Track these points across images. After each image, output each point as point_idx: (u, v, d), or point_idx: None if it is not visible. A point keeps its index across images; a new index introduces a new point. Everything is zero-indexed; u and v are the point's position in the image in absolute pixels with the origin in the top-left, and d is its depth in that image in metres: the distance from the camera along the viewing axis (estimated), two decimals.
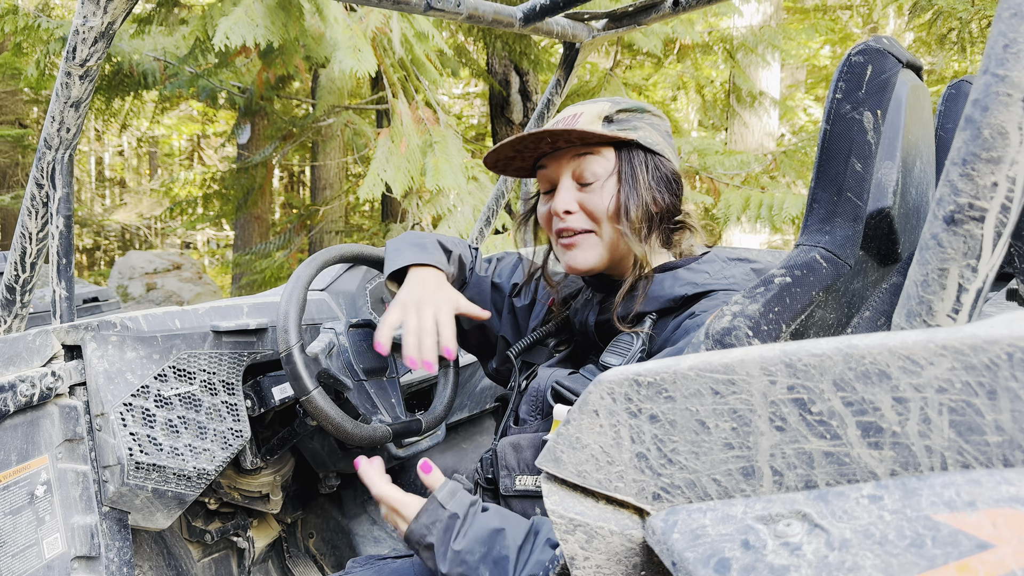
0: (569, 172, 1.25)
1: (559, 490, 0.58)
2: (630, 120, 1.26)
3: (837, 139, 0.79)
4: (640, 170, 1.22)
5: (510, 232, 5.55)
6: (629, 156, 1.23)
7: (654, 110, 1.30)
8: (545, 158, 1.30)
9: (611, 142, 1.23)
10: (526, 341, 1.42)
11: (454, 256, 1.55)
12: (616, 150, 1.24)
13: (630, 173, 1.22)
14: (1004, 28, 0.50)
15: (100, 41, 1.33)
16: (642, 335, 1.19)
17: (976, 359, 0.43)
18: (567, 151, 1.26)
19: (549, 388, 1.24)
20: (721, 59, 7.12)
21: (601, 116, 1.24)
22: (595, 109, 1.26)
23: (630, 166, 1.22)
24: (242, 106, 6.72)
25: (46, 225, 1.51)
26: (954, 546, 0.40)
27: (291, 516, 2.16)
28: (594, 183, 1.23)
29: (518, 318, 1.54)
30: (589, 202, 1.24)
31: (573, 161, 1.25)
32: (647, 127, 1.26)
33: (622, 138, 1.21)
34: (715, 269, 1.21)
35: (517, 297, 1.55)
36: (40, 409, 1.34)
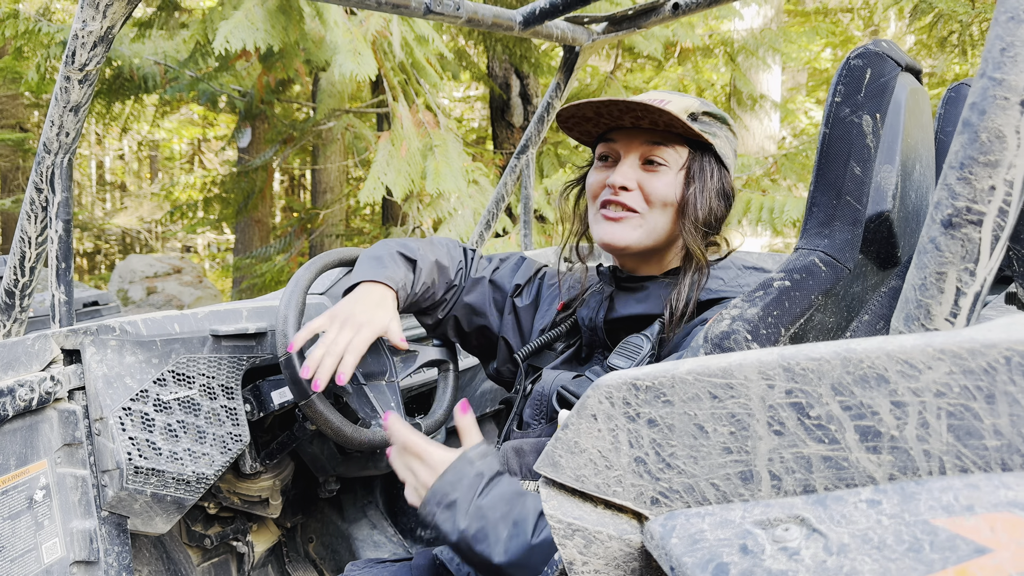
0: (637, 152, 1.24)
1: (557, 495, 0.57)
2: (711, 125, 1.25)
3: (836, 143, 0.79)
4: (709, 175, 1.22)
5: (511, 235, 5.55)
6: (702, 159, 1.22)
7: (733, 125, 1.30)
8: (615, 131, 1.27)
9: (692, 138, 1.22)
10: (533, 345, 1.41)
11: (423, 265, 1.50)
12: (691, 149, 1.23)
13: (700, 174, 1.21)
14: (1001, 32, 0.50)
15: (99, 45, 1.34)
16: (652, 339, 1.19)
17: (974, 363, 0.43)
18: (642, 133, 1.24)
19: (554, 392, 1.23)
20: (722, 62, 7.12)
21: (688, 111, 1.22)
22: (683, 103, 1.23)
23: (700, 168, 1.21)
24: (243, 110, 6.72)
25: (45, 229, 1.51)
26: (952, 551, 0.39)
27: (291, 520, 2.15)
28: (661, 168, 1.22)
29: (520, 318, 1.52)
30: (649, 184, 1.22)
31: (645, 145, 1.23)
32: (724, 138, 1.26)
33: (704, 138, 1.20)
34: (730, 276, 1.22)
35: (519, 297, 1.53)
36: (39, 414, 1.34)
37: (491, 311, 1.56)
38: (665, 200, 1.21)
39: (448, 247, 1.61)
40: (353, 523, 2.22)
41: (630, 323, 1.27)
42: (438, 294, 1.56)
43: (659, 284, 1.27)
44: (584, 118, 1.28)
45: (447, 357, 1.73)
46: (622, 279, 1.31)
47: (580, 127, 1.32)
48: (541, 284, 1.53)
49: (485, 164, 6.38)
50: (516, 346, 1.52)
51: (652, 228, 1.23)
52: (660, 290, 1.26)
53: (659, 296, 1.25)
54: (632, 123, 1.24)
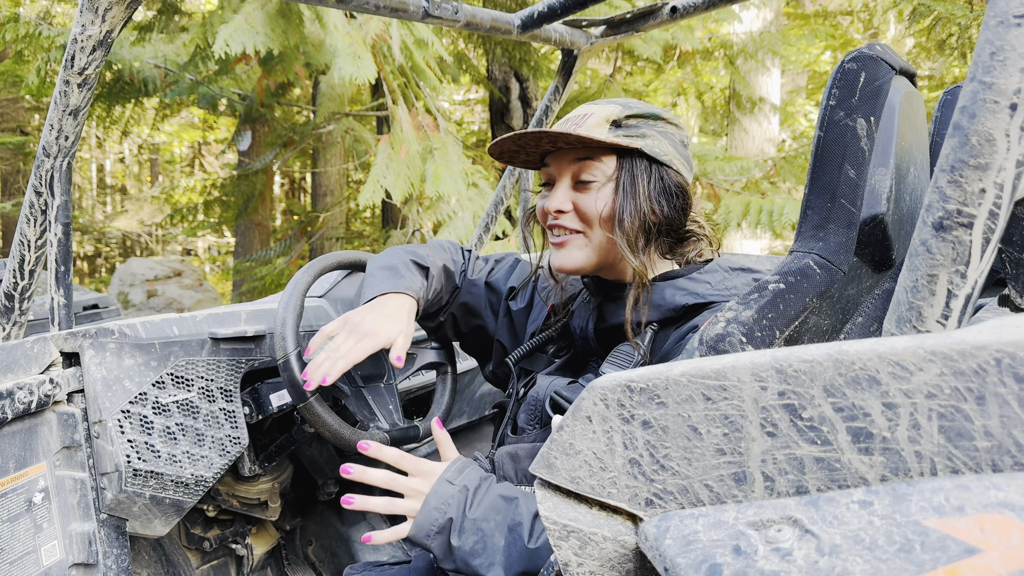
0: (568, 173, 1.24)
1: (552, 496, 0.58)
2: (639, 127, 1.22)
3: (831, 146, 0.79)
4: (640, 180, 1.19)
5: (510, 237, 5.56)
6: (631, 165, 1.20)
7: (670, 117, 1.26)
8: (549, 156, 1.27)
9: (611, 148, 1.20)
10: (524, 348, 1.41)
11: (434, 272, 1.51)
12: (618, 157, 1.21)
13: (629, 182, 1.19)
14: (991, 36, 0.50)
15: (98, 49, 1.34)
16: (643, 346, 1.18)
17: (965, 365, 0.43)
18: (569, 152, 1.23)
19: (548, 398, 1.22)
20: (721, 65, 7.14)
21: (609, 120, 1.21)
22: (604, 112, 1.22)
23: (630, 175, 1.19)
24: (243, 113, 6.73)
25: (44, 233, 1.51)
26: (943, 551, 0.40)
27: (290, 523, 2.16)
28: (591, 185, 1.21)
29: (514, 321, 1.52)
30: (582, 203, 1.21)
31: (574, 163, 1.23)
32: (657, 135, 1.22)
33: (622, 145, 1.18)
34: (717, 279, 1.19)
35: (513, 300, 1.53)
36: (38, 416, 1.34)
37: (487, 313, 1.57)
38: (600, 215, 1.20)
39: (450, 251, 1.61)
40: (352, 526, 2.22)
41: (619, 331, 1.25)
42: (444, 299, 1.56)
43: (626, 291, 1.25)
44: (512, 152, 1.29)
45: (445, 360, 1.74)
46: (606, 287, 1.30)
47: (517, 158, 1.32)
48: (535, 285, 1.52)
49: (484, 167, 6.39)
50: (510, 348, 1.52)
51: (598, 245, 1.22)
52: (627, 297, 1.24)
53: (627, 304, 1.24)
54: (552, 147, 1.25)
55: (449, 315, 1.60)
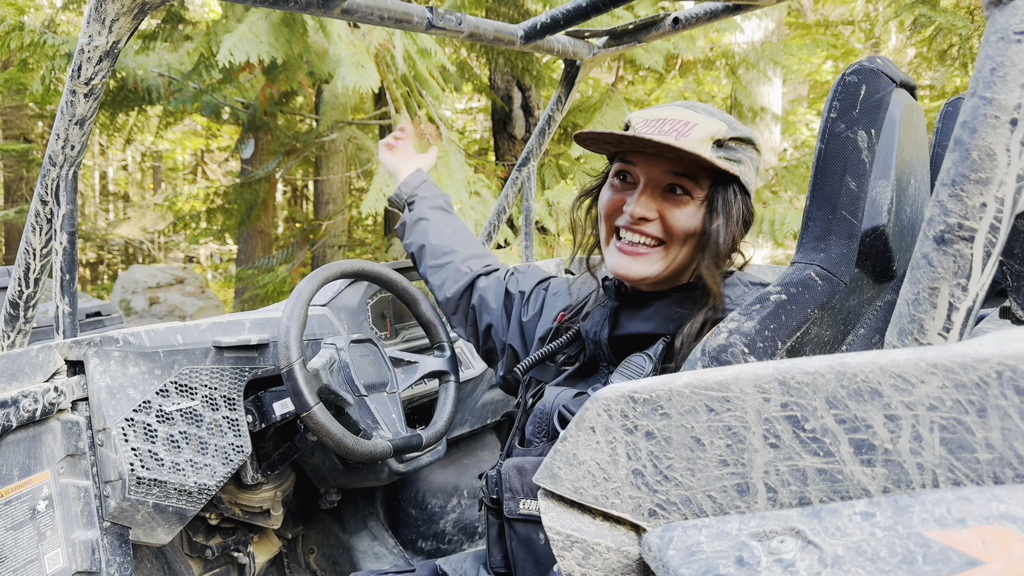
0: (659, 181, 1.18)
1: (556, 507, 0.58)
2: (738, 151, 1.17)
3: (832, 158, 0.79)
4: (733, 206, 1.16)
5: (512, 246, 5.56)
6: (726, 189, 1.16)
7: (759, 144, 1.22)
8: (637, 154, 1.20)
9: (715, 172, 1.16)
10: (534, 358, 1.38)
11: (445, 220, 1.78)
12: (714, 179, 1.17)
13: (723, 207, 1.15)
14: (991, 52, 0.51)
15: (105, 60, 1.35)
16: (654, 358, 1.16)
17: (966, 377, 0.44)
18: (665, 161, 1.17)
19: (556, 412, 1.21)
20: (723, 74, 7.15)
21: (714, 137, 1.14)
22: (710, 128, 1.15)
23: (725, 200, 1.15)
24: (246, 121, 6.75)
25: (50, 241, 1.52)
26: (945, 563, 0.40)
27: (292, 531, 2.15)
28: (684, 199, 1.17)
29: (524, 330, 1.53)
30: (672, 216, 1.17)
31: (668, 174, 1.17)
32: (748, 161, 1.19)
33: (729, 171, 1.15)
34: (737, 294, 1.19)
35: (525, 307, 1.53)
36: (42, 424, 1.34)
37: (500, 316, 1.57)
38: (688, 232, 1.17)
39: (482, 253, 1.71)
40: (354, 534, 2.22)
41: (633, 341, 1.24)
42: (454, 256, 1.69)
43: (664, 302, 1.23)
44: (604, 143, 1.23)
45: (448, 368, 1.74)
46: (626, 295, 1.28)
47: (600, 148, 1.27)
48: (545, 294, 1.52)
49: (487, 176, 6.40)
50: (522, 355, 1.52)
51: (672, 260, 1.19)
52: (665, 308, 1.22)
53: (664, 315, 1.22)
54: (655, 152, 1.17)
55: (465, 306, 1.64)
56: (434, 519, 2.30)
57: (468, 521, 2.30)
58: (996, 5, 0.51)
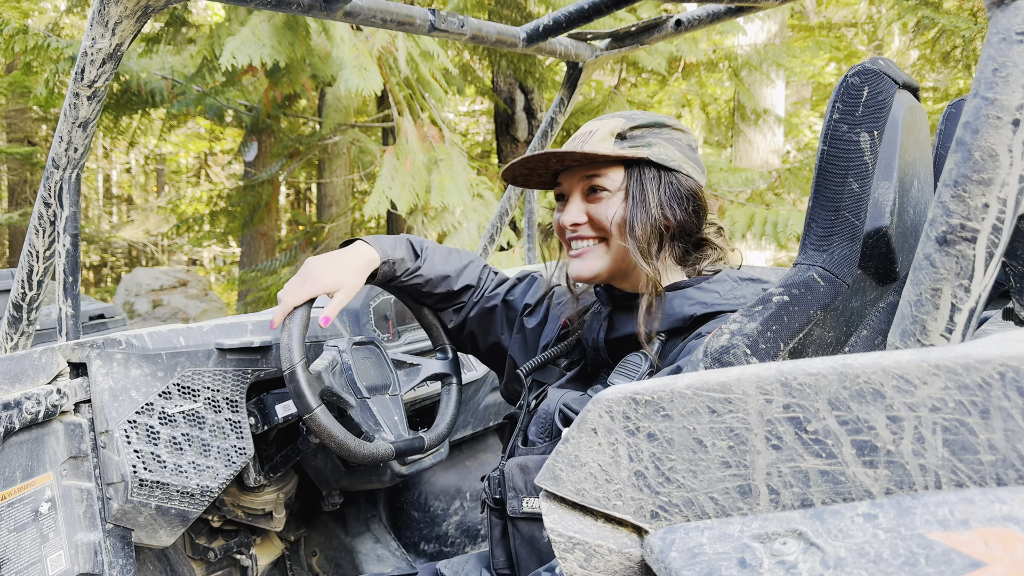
0: (579, 187, 1.28)
1: (558, 508, 0.58)
2: (644, 136, 1.25)
3: (834, 159, 0.79)
4: (650, 187, 1.21)
5: (515, 248, 5.57)
6: (639, 174, 1.23)
7: (675, 124, 1.29)
8: (561, 174, 1.32)
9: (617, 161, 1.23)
10: (537, 360, 1.41)
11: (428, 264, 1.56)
12: (625, 168, 1.24)
13: (638, 190, 1.21)
14: (993, 52, 0.51)
15: (108, 62, 1.35)
16: (650, 356, 1.18)
17: (969, 378, 0.44)
18: (578, 168, 1.27)
19: (558, 411, 1.23)
20: (726, 77, 7.15)
21: (614, 133, 1.24)
22: (609, 126, 1.25)
23: (639, 184, 1.22)
24: (249, 124, 6.77)
25: (53, 244, 1.52)
26: (947, 564, 0.40)
27: (294, 534, 2.15)
28: (602, 195, 1.24)
29: (527, 337, 1.53)
30: (596, 213, 1.25)
31: (584, 178, 1.26)
32: (663, 143, 1.25)
33: (628, 156, 1.21)
34: (725, 289, 1.20)
35: (528, 317, 1.54)
36: (45, 426, 1.34)
37: (503, 328, 1.58)
38: (614, 223, 1.23)
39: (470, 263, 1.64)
40: (356, 537, 2.22)
41: (629, 341, 1.27)
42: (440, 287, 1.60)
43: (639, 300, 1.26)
44: (525, 175, 1.34)
45: (450, 371, 1.74)
46: (617, 297, 1.31)
47: (531, 181, 1.37)
48: (549, 303, 1.54)
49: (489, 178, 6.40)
50: (520, 363, 1.52)
51: (615, 253, 1.25)
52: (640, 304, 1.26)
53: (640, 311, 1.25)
54: (561, 166, 1.29)
55: (468, 333, 1.63)
56: (436, 521, 2.30)
57: (470, 524, 2.30)
58: (998, 6, 0.51)
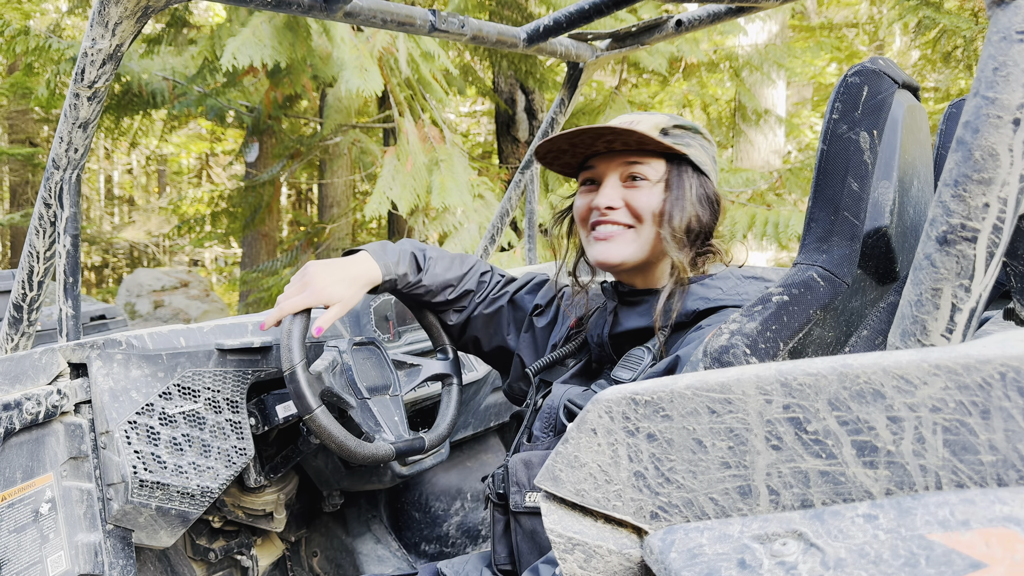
0: (617, 173, 1.29)
1: (558, 509, 0.58)
2: (684, 137, 1.29)
3: (834, 159, 0.79)
4: (687, 184, 1.25)
5: (516, 248, 5.56)
6: (679, 170, 1.26)
7: (706, 133, 1.33)
8: (594, 158, 1.32)
9: (666, 152, 1.26)
10: (545, 360, 1.43)
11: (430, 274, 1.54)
12: (667, 162, 1.27)
13: (678, 185, 1.25)
14: (993, 51, 0.51)
15: (108, 63, 1.35)
16: (653, 350, 1.20)
17: (969, 379, 0.43)
18: (619, 155, 1.28)
19: (562, 406, 1.24)
20: (727, 77, 7.15)
21: (658, 127, 1.27)
22: (652, 120, 1.28)
23: (679, 179, 1.25)
24: (250, 125, 6.77)
25: (53, 244, 1.52)
26: (948, 565, 0.40)
27: (295, 534, 2.15)
28: (642, 183, 1.26)
29: (537, 337, 1.54)
30: (635, 199, 1.26)
31: (623, 164, 1.28)
32: (698, 147, 1.29)
33: (677, 150, 1.24)
34: (728, 286, 1.22)
35: (538, 317, 1.55)
36: (45, 427, 1.34)
37: (510, 330, 1.58)
38: (652, 212, 1.25)
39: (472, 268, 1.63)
40: (357, 537, 2.21)
41: (633, 336, 1.29)
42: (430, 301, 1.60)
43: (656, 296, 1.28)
44: (560, 151, 1.33)
45: (451, 371, 1.74)
46: (624, 293, 1.33)
47: (559, 160, 1.37)
48: (559, 304, 1.55)
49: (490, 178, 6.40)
50: (529, 363, 1.53)
51: (644, 242, 1.27)
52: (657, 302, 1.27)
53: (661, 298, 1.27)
54: (606, 147, 1.29)
55: (471, 334, 1.63)
56: (437, 522, 2.30)
57: (471, 524, 2.30)
58: (998, 5, 0.51)
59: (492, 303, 1.59)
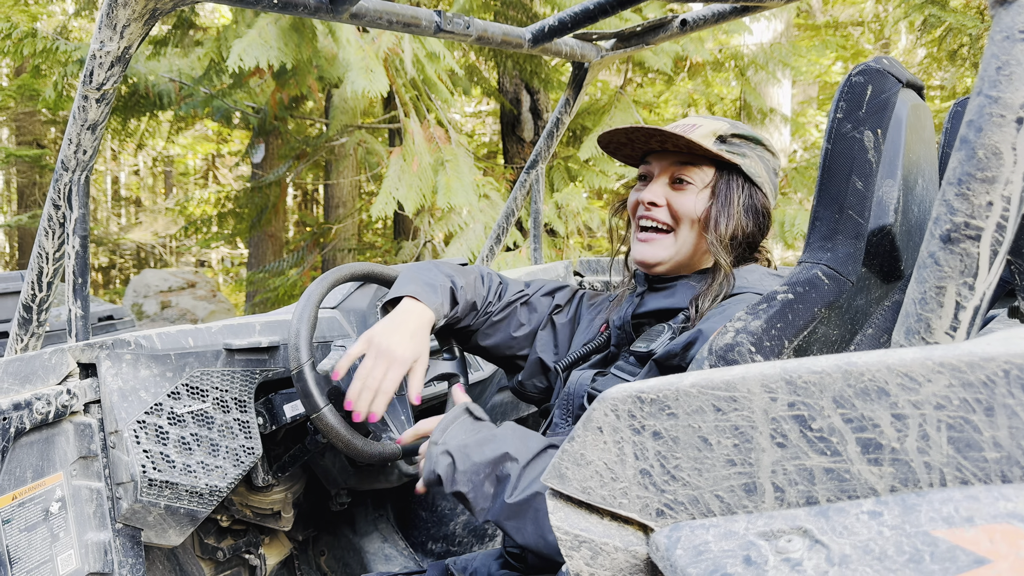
0: (668, 173, 1.32)
1: (564, 506, 0.58)
2: (741, 146, 1.30)
3: (838, 158, 0.80)
4: (736, 194, 1.27)
5: (521, 249, 5.57)
6: (728, 178, 1.28)
7: (770, 145, 1.35)
8: (652, 154, 1.36)
9: (714, 159, 1.28)
10: (572, 356, 1.46)
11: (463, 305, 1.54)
12: (717, 169, 1.29)
13: (725, 193, 1.27)
14: (996, 51, 0.51)
15: (116, 65, 1.36)
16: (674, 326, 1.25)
17: (973, 376, 0.44)
18: (672, 155, 1.32)
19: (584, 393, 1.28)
20: (732, 76, 7.14)
21: (716, 134, 1.29)
22: (712, 126, 1.30)
23: (727, 187, 1.27)
24: (256, 126, 6.79)
25: (62, 245, 1.53)
26: (952, 562, 0.40)
27: (302, 533, 2.16)
28: (688, 187, 1.29)
29: (558, 335, 1.56)
30: (677, 201, 1.30)
31: (674, 165, 1.31)
32: (755, 158, 1.31)
33: (725, 158, 1.26)
34: (754, 277, 1.26)
35: (558, 315, 1.58)
36: (55, 427, 1.35)
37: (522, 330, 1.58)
38: (690, 215, 1.28)
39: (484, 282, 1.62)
40: (364, 536, 2.22)
41: (654, 316, 1.33)
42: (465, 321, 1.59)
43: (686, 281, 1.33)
44: (620, 143, 1.37)
45: (457, 371, 1.74)
46: (653, 280, 1.38)
47: (621, 151, 1.41)
48: (581, 303, 1.58)
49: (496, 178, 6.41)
50: (549, 361, 1.54)
51: (682, 245, 1.31)
52: (687, 286, 1.32)
53: (685, 291, 1.31)
54: (659, 146, 1.33)
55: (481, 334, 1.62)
56: (444, 521, 2.30)
57: (478, 523, 2.30)
58: (1002, 4, 0.51)
59: (504, 309, 1.60)
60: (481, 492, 1.10)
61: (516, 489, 1.07)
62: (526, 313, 1.59)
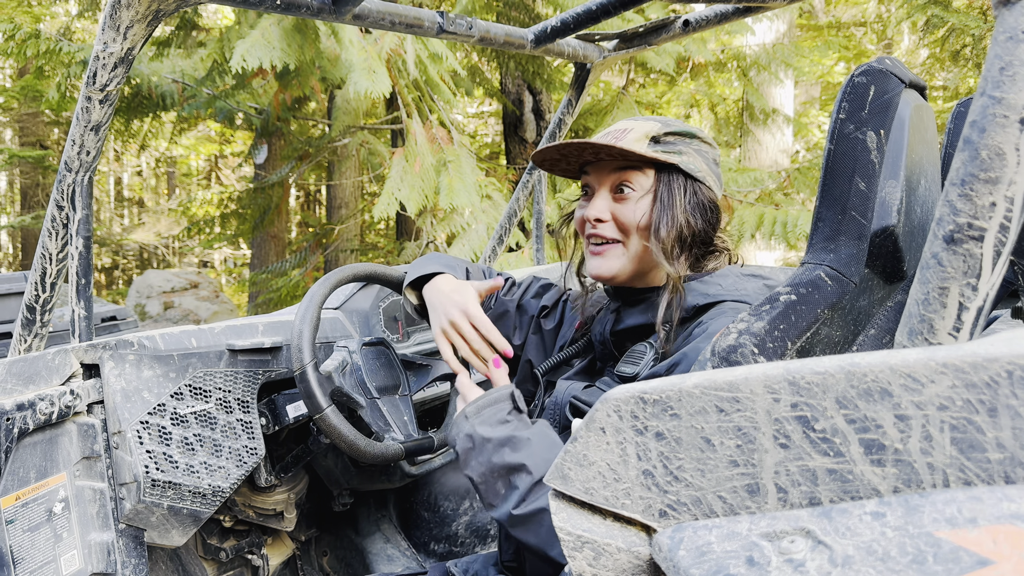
0: (608, 183, 1.28)
1: (567, 507, 0.58)
2: (676, 144, 1.28)
3: (841, 159, 0.79)
4: (677, 193, 1.24)
5: (524, 249, 5.57)
6: (668, 179, 1.25)
7: (704, 136, 1.32)
8: (589, 166, 1.33)
9: (650, 163, 1.25)
10: (552, 361, 1.44)
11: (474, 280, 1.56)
12: (656, 171, 1.26)
13: (667, 195, 1.24)
14: (1000, 51, 0.51)
15: (120, 66, 1.36)
16: (655, 345, 1.21)
17: (976, 377, 0.44)
18: (609, 163, 1.28)
19: (567, 403, 1.25)
20: (734, 77, 7.14)
21: (648, 135, 1.26)
22: (644, 128, 1.27)
23: (668, 188, 1.24)
24: (259, 127, 6.79)
25: (66, 246, 1.54)
26: (955, 563, 0.40)
27: (305, 534, 2.16)
28: (629, 196, 1.26)
29: (545, 339, 1.55)
30: (621, 213, 1.26)
31: (613, 174, 1.28)
32: (692, 153, 1.28)
33: (661, 160, 1.23)
34: (728, 283, 1.23)
35: (545, 319, 1.56)
36: (58, 427, 1.36)
37: (515, 334, 1.59)
38: (637, 225, 1.25)
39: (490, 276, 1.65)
40: (367, 537, 2.22)
41: (635, 333, 1.30)
42: None
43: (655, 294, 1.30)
44: (554, 160, 1.34)
45: None
46: (624, 293, 1.34)
47: (558, 167, 1.38)
48: (565, 306, 1.56)
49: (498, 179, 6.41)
50: (537, 364, 1.54)
51: (634, 254, 1.27)
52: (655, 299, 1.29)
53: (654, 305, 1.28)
54: (594, 158, 1.30)
55: None
56: (446, 522, 2.30)
57: (480, 524, 2.30)
58: (1005, 4, 0.51)
59: (501, 306, 1.60)
60: (492, 488, 1.11)
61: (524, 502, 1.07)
62: (518, 317, 1.60)
